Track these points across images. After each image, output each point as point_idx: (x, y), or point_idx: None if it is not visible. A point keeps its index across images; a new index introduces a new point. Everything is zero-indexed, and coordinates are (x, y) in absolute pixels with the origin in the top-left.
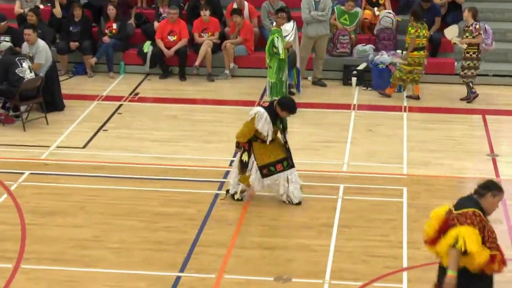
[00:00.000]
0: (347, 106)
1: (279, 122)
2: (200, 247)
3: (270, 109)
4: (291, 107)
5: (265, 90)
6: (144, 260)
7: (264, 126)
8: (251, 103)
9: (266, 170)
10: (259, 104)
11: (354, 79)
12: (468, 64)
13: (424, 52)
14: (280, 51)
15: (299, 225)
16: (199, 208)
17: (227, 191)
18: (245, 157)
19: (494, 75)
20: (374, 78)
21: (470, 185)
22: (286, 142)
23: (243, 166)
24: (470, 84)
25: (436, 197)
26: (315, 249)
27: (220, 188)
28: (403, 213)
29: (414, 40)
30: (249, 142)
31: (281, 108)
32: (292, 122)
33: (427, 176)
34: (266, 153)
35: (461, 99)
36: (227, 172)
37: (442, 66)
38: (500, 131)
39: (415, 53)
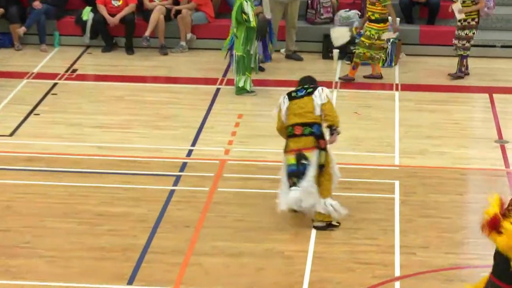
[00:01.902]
0: (328, 84)
1: None
2: (152, 254)
3: None
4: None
5: (229, 65)
6: (84, 271)
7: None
8: (212, 81)
9: None
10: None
11: (336, 52)
12: (466, 33)
13: (387, 23)
14: (251, 18)
15: (271, 227)
16: (150, 208)
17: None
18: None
19: (502, 46)
20: None
21: (475, 177)
22: None
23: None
24: (467, 58)
25: (435, 192)
26: (290, 255)
27: (176, 183)
28: (395, 212)
29: (391, 7)
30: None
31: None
32: (260, 104)
33: (423, 168)
34: None
35: (451, 75)
36: (184, 164)
37: (441, 35)
38: (509, 113)
39: (374, 24)
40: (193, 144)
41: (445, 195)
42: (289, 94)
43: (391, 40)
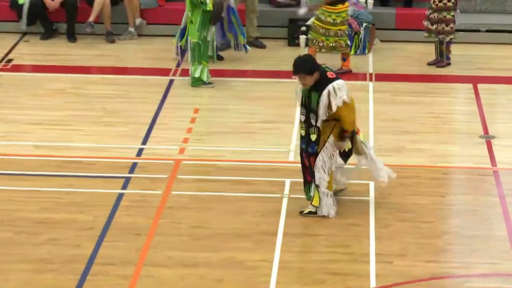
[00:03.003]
0: (291, 74)
1: (306, 93)
2: (98, 265)
3: None
4: (293, 65)
5: (184, 53)
6: (22, 285)
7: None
8: (165, 72)
9: None
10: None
11: (302, 38)
12: (445, 16)
13: (346, 3)
14: (207, 0)
15: (231, 234)
16: (96, 214)
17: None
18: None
19: (487, 31)
20: None
21: (458, 176)
22: (312, 131)
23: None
24: (450, 44)
25: (413, 194)
26: (253, 265)
27: (125, 186)
28: (370, 216)
29: None
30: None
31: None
32: (219, 96)
33: (400, 166)
34: None
35: (429, 64)
36: (134, 165)
37: (419, 19)
38: (496, 105)
39: (329, 7)
40: (144, 143)
41: (425, 197)
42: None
43: (364, 25)
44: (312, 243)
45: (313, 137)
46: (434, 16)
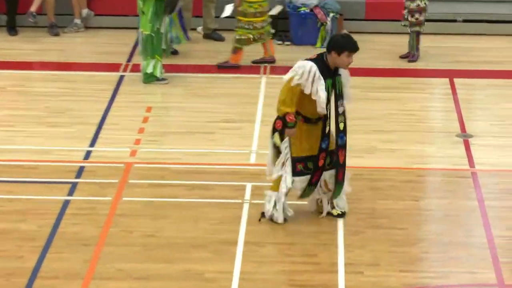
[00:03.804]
0: (255, 69)
1: (331, 86)
2: (42, 279)
3: (319, 61)
4: (349, 43)
5: (135, 46)
6: None
7: (312, 83)
8: (114, 67)
9: (302, 166)
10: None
11: None
12: (418, 5)
13: None
14: None
15: (188, 243)
16: (40, 223)
17: (262, 213)
18: (276, 140)
19: (464, 21)
20: (293, 28)
21: (434, 179)
22: (341, 120)
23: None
24: (420, 34)
25: (385, 198)
26: (211, 277)
27: (71, 193)
28: (338, 222)
29: None
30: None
31: (337, 50)
32: (174, 93)
33: (371, 168)
34: (307, 139)
35: (402, 57)
36: (81, 169)
37: (391, 9)
38: (474, 101)
39: None
40: (92, 145)
41: (398, 201)
42: None
43: (330, 15)
44: (276, 252)
45: (342, 126)
46: (409, 5)
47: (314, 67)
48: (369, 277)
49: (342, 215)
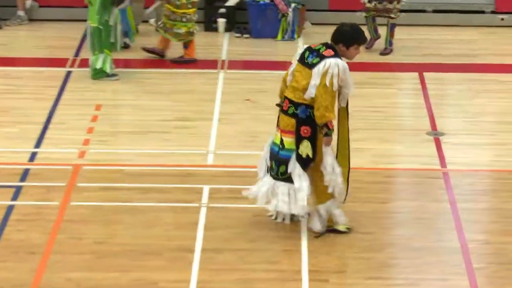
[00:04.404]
0: (211, 64)
1: None
2: None
3: (337, 54)
4: (359, 34)
5: (83, 40)
6: None
7: (348, 78)
8: (61, 62)
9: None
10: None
11: (221, 22)
12: None
13: None
14: None
15: (141, 251)
16: None
17: (318, 234)
18: (307, 150)
19: (434, 11)
20: (252, 20)
21: (403, 180)
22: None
23: (306, 165)
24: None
25: (352, 201)
26: (166, 287)
27: (15, 197)
28: (301, 227)
29: None
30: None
31: (346, 43)
32: (125, 90)
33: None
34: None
35: (382, 53)
36: (26, 172)
37: None
38: (445, 97)
39: None
40: (38, 146)
41: (365, 204)
42: (303, 54)
43: (292, 6)
44: (235, 259)
45: None
46: None
47: (343, 62)
48: (335, 285)
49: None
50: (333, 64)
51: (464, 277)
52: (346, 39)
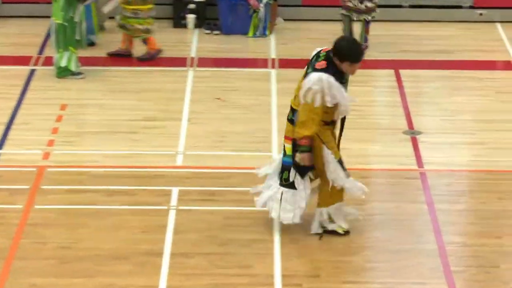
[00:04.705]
0: (180, 61)
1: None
2: None
3: (330, 67)
4: (352, 52)
5: (47, 37)
6: None
7: (334, 95)
8: (24, 60)
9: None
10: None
11: (191, 18)
12: None
13: None
14: None
15: (108, 255)
16: None
17: (320, 234)
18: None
19: (411, 6)
20: (223, 16)
21: (379, 180)
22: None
23: (304, 172)
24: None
25: None
26: None
27: None
28: (274, 229)
29: None
30: None
31: (339, 58)
32: (91, 89)
33: None
34: (334, 143)
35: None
36: None
37: None
38: (422, 95)
39: None
40: (0, 147)
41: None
42: (311, 59)
43: (264, 1)
44: (206, 264)
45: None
46: None
47: (330, 78)
48: None
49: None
50: (316, 80)
51: (442, 280)
52: (340, 54)
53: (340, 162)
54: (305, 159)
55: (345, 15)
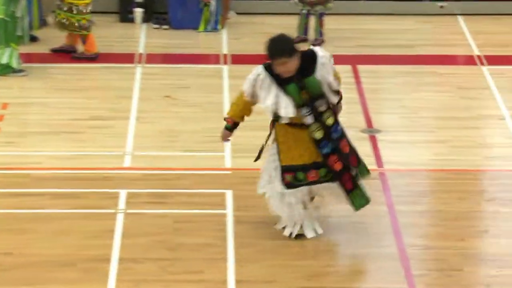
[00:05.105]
0: (127, 58)
1: (296, 90)
2: None
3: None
4: (269, 48)
5: None
6: None
7: (260, 90)
8: None
9: (291, 177)
10: None
11: (138, 12)
12: None
13: None
14: None
15: (53, 262)
16: None
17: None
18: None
19: None
20: (172, 10)
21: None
22: (327, 116)
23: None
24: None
25: None
26: None
27: None
28: (227, 233)
29: None
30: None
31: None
32: (34, 87)
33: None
34: (295, 145)
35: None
36: None
37: None
38: (381, 91)
39: None
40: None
41: None
42: None
43: None
44: (156, 269)
45: (331, 121)
46: None
47: (262, 74)
48: None
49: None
50: (254, 70)
51: (404, 285)
52: (266, 51)
53: (289, 168)
54: (222, 135)
55: (301, 10)
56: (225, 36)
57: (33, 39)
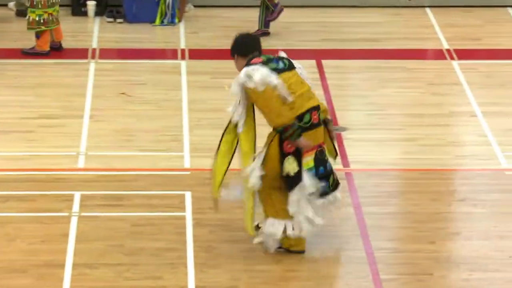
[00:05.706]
0: (80, 53)
1: None
2: None
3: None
4: (232, 44)
5: None
6: None
7: (265, 78)
8: None
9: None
10: None
11: (91, 5)
12: None
13: None
14: None
15: (3, 268)
16: None
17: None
18: (292, 166)
19: None
20: (127, 3)
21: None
22: None
23: (292, 185)
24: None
25: (241, 207)
26: None
27: None
28: (187, 237)
29: None
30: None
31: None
32: None
33: (228, 171)
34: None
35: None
36: None
37: None
38: (346, 87)
39: None
40: None
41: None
42: (266, 65)
43: None
44: (112, 275)
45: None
46: None
47: (258, 66)
48: None
49: None
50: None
51: None
52: None
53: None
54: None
55: (261, 2)
56: (182, 30)
57: None
